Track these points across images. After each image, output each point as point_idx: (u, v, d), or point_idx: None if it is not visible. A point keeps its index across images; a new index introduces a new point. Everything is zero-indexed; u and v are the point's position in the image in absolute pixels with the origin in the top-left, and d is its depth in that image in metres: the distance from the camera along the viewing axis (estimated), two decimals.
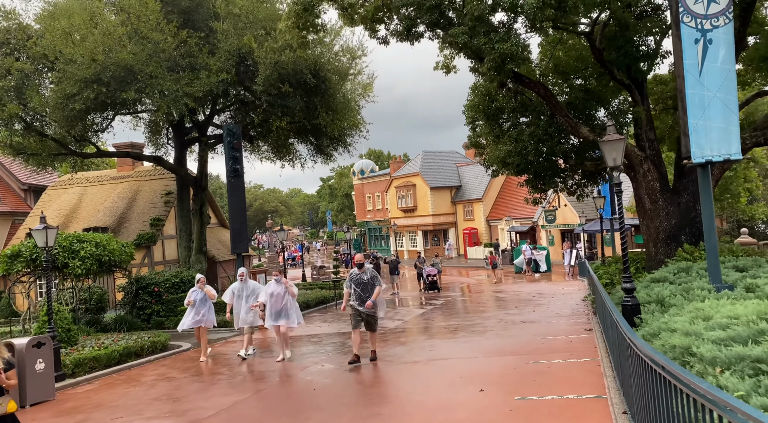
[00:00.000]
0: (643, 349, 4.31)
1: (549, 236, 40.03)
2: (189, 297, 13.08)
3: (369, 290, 10.47)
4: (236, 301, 12.94)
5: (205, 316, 13.01)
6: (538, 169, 15.61)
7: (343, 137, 25.55)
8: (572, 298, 19.57)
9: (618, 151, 8.79)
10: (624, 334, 5.25)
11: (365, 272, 10.62)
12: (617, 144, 8.78)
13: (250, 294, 12.83)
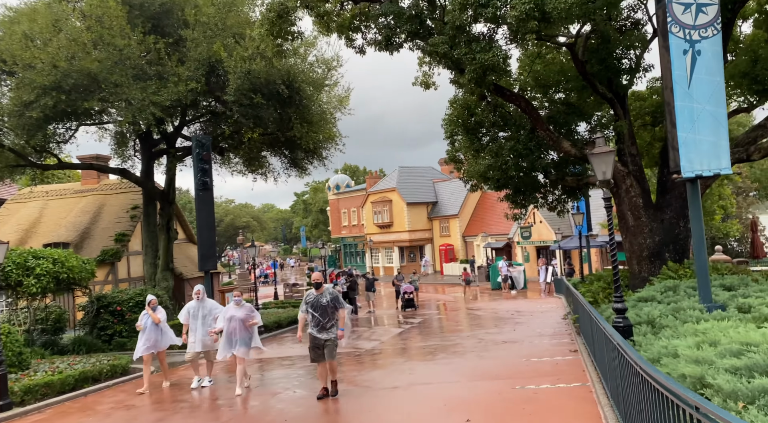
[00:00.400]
0: (667, 385, 3.77)
1: (524, 253, 39.84)
2: (140, 320, 11.83)
3: (329, 315, 9.12)
4: (192, 321, 11.58)
5: (159, 342, 11.79)
6: (519, 184, 15.22)
7: (318, 150, 24.94)
8: (552, 317, 19.15)
9: (608, 164, 8.38)
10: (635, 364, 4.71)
11: (324, 294, 9.21)
12: (607, 157, 8.37)
13: (207, 314, 11.44)
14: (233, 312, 10.58)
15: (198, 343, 11.45)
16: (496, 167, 14.54)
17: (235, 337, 10.45)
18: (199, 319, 11.45)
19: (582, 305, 10.74)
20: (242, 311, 10.63)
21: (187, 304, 11.90)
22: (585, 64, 13.02)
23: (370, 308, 26.47)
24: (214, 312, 11.36)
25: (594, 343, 9.02)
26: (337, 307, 9.24)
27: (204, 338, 11.39)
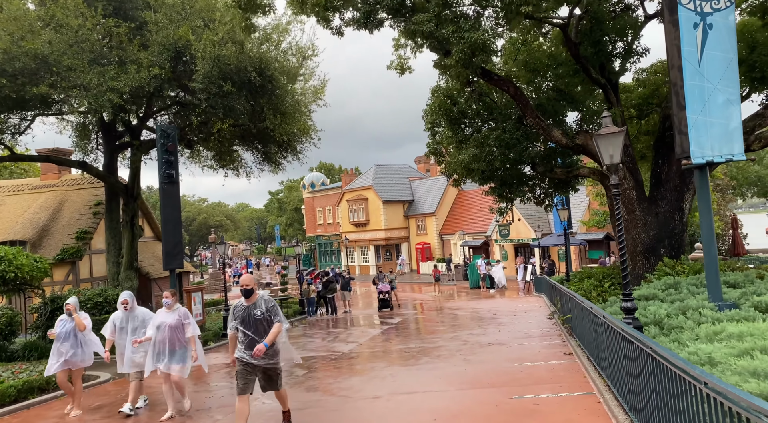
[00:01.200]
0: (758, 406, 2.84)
1: (502, 251, 39.23)
2: (55, 328, 9.45)
3: (264, 331, 6.93)
4: (119, 335, 9.12)
5: (77, 355, 9.21)
6: (505, 176, 14.37)
7: (292, 143, 23.79)
8: (536, 317, 18.37)
9: (616, 146, 7.51)
10: (688, 375, 3.79)
11: (257, 304, 6.97)
12: (615, 138, 7.50)
13: (138, 326, 9.04)
14: (162, 318, 8.51)
15: (127, 364, 9.10)
16: (480, 158, 13.66)
17: (164, 351, 8.38)
18: (128, 333, 9.03)
19: (579, 304, 9.89)
20: (173, 317, 8.49)
21: (113, 315, 9.50)
22: (578, 47, 12.20)
23: (346, 308, 25.43)
24: (149, 322, 8.99)
25: (599, 346, 8.14)
26: (272, 319, 6.98)
27: (134, 356, 8.99)
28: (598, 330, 7.98)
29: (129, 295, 9.34)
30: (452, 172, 17.45)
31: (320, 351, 14.83)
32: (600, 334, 7.77)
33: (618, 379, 6.59)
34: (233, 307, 7.16)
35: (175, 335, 8.40)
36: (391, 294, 24.78)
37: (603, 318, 7.24)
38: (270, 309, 7.00)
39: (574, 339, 11.60)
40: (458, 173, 16.20)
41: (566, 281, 18.17)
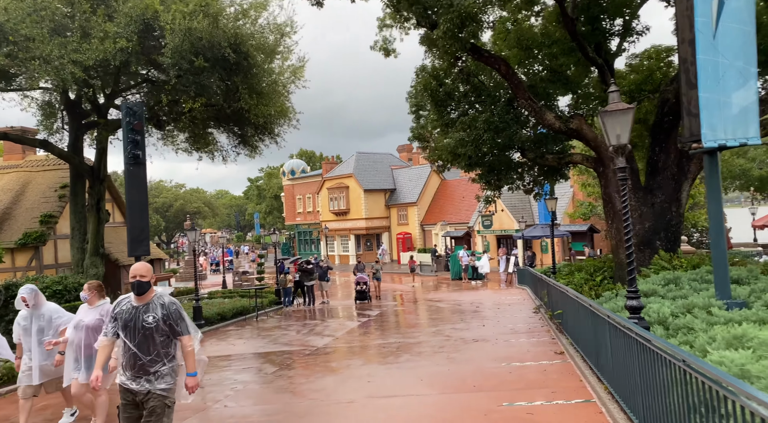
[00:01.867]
0: None
1: (485, 242, 38.61)
2: None
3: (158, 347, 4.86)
4: (24, 340, 7.29)
5: None
6: (493, 162, 13.54)
7: (269, 126, 22.69)
8: (520, 310, 17.67)
9: (625, 124, 6.68)
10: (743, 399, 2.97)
11: (151, 306, 4.90)
12: (623, 116, 6.67)
13: (45, 326, 7.23)
14: (81, 316, 6.94)
15: (35, 373, 7.16)
16: (468, 142, 12.80)
17: (80, 357, 6.81)
18: (33, 335, 7.18)
19: (574, 300, 9.12)
20: (92, 315, 6.90)
21: (18, 316, 7.52)
22: (574, 23, 11.36)
23: (324, 299, 24.53)
24: (58, 322, 7.32)
25: (598, 347, 7.37)
26: (176, 331, 4.95)
27: (44, 364, 7.20)
28: (599, 330, 7.20)
29: (29, 289, 7.23)
30: (437, 158, 16.59)
31: (294, 345, 13.93)
32: (601, 334, 6.99)
33: (624, 388, 5.81)
34: (115, 303, 5.12)
35: (92, 338, 6.69)
36: (369, 285, 23.61)
37: (607, 317, 6.45)
38: (170, 315, 4.88)
39: (565, 336, 10.86)
40: (443, 159, 15.35)
41: (553, 274, 17.49)
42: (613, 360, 6.33)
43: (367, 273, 24.21)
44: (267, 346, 14.02)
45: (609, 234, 12.47)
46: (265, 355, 12.71)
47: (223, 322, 19.41)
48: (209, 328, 18.25)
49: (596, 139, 12.09)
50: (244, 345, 14.60)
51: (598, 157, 12.29)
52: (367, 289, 23.02)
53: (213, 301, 24.30)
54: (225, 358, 12.83)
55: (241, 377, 10.29)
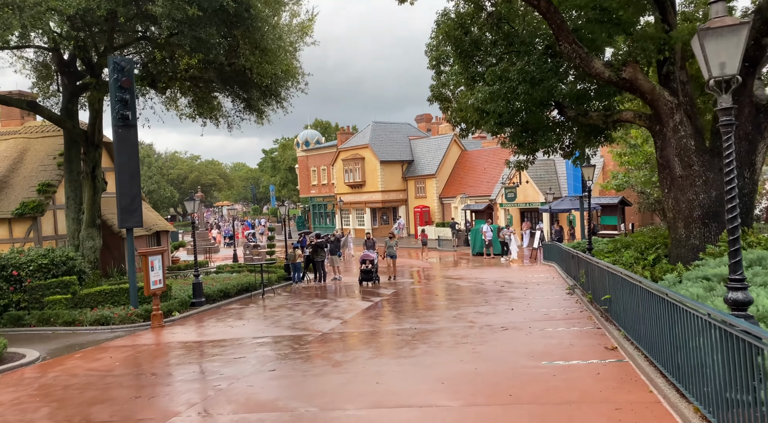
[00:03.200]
0: None
1: (507, 215, 36.67)
2: None
3: None
4: None
5: None
6: (528, 120, 11.60)
7: (275, 88, 20.88)
8: (552, 290, 15.88)
9: (733, 48, 4.73)
10: None
11: None
12: (732, 36, 4.72)
13: None
14: None
15: None
16: (499, 96, 10.85)
17: None
18: None
19: (635, 285, 7.28)
20: None
21: None
22: None
23: (335, 274, 22.97)
24: None
25: (677, 348, 5.56)
26: None
27: None
28: (679, 326, 5.39)
29: None
30: (461, 119, 14.66)
31: (297, 329, 12.35)
32: (687, 333, 5.17)
33: (737, 415, 4.02)
34: None
35: None
36: (380, 263, 20.86)
37: (708, 316, 4.61)
38: None
39: (614, 327, 9.06)
40: (468, 119, 13.43)
41: (588, 250, 15.61)
42: (713, 371, 4.53)
43: (378, 250, 22.25)
44: (267, 330, 12.46)
45: (666, 205, 10.54)
46: (263, 341, 11.14)
47: (226, 300, 17.95)
48: (209, 306, 16.81)
49: (653, 91, 10.07)
50: (243, 328, 13.06)
51: (655, 113, 10.29)
52: (375, 268, 19.86)
53: (219, 275, 22.87)
54: (218, 344, 11.28)
55: (228, 371, 8.71)
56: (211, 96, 22.31)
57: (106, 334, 13.68)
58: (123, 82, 14.82)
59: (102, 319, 14.42)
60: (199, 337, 12.41)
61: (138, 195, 15.59)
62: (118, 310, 14.96)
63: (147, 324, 14.26)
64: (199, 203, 17.79)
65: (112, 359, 10.45)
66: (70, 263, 16.20)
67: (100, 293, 15.76)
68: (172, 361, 9.96)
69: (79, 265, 16.65)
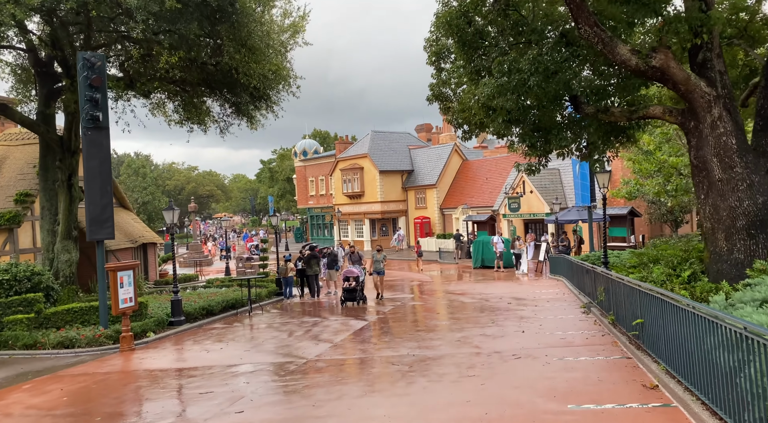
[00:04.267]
0: None
1: (511, 227, 35.24)
2: None
3: None
4: None
5: None
6: (542, 117, 10.23)
7: (264, 91, 19.58)
8: (564, 308, 14.45)
9: None
10: None
11: None
12: None
13: None
14: None
15: None
16: (508, 89, 9.49)
17: None
18: None
19: (682, 311, 5.88)
20: None
21: None
22: None
23: (329, 289, 21.53)
24: None
25: (758, 400, 4.13)
26: None
27: None
28: None
29: None
30: (463, 120, 13.33)
31: (280, 354, 10.90)
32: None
33: None
34: None
35: None
36: (363, 281, 17.96)
37: None
38: None
39: (650, 357, 7.62)
40: (472, 119, 12.09)
41: (604, 264, 14.19)
42: None
43: (365, 265, 20.02)
44: (247, 355, 11.01)
45: (702, 213, 9.13)
46: (239, 370, 9.69)
47: (209, 318, 16.50)
48: (190, 325, 15.36)
49: (688, 81, 8.71)
50: (221, 352, 11.61)
51: (689, 108, 8.92)
52: (360, 286, 17.45)
53: (207, 290, 21.42)
54: (187, 373, 9.83)
55: (190, 412, 7.25)
56: (198, 100, 21.05)
57: (69, 358, 12.23)
58: (93, 81, 13.49)
59: (66, 342, 12.99)
60: (169, 363, 10.96)
61: (109, 204, 14.20)
62: (87, 330, 13.54)
63: (116, 347, 12.83)
64: (175, 212, 16.41)
65: (62, 392, 9.01)
66: (36, 279, 14.79)
67: (68, 312, 14.33)
68: (127, 397, 8.50)
69: (47, 280, 15.23)
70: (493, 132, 12.83)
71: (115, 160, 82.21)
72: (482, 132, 13.82)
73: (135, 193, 65.92)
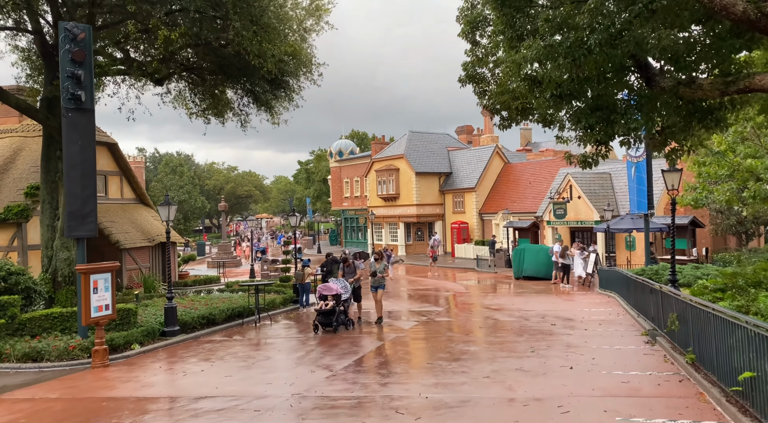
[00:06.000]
0: None
1: (556, 235, 32.40)
2: None
3: None
4: None
5: None
6: (603, 92, 7.83)
7: (282, 78, 17.70)
8: (621, 334, 11.91)
9: None
10: None
11: None
12: None
13: None
14: None
15: None
16: (560, 52, 7.16)
17: None
18: None
19: None
20: None
21: None
22: None
23: None
24: None
25: None
26: None
27: None
28: None
29: None
30: (501, 105, 11.07)
31: (261, 384, 8.80)
32: None
33: None
34: None
35: None
36: (349, 300, 14.18)
37: None
38: None
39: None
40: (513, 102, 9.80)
41: (672, 283, 11.59)
42: None
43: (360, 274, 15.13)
44: (223, 384, 8.96)
45: None
46: (201, 409, 7.63)
47: (210, 328, 14.62)
48: (184, 337, 13.50)
49: None
50: (199, 376, 9.62)
51: None
52: (344, 306, 13.79)
53: (221, 295, 19.60)
54: (141, 409, 7.82)
55: None
56: (217, 90, 19.39)
57: (30, 375, 10.50)
58: (74, 54, 11.80)
59: (34, 354, 11.28)
60: (131, 390, 9.01)
61: (92, 197, 12.46)
62: (63, 340, 11.84)
63: (90, 361, 11.04)
64: (171, 208, 14.62)
65: None
66: (13, 279, 13.21)
67: (47, 318, 12.69)
68: None
69: (26, 281, 13.64)
70: (537, 117, 10.49)
71: (155, 158, 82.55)
72: (524, 119, 11.49)
73: (171, 192, 65.59)
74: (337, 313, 13.47)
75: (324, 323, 13.45)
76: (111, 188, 25.47)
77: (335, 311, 13.43)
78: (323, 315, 13.46)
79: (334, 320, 13.40)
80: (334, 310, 13.42)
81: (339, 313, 13.53)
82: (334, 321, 13.40)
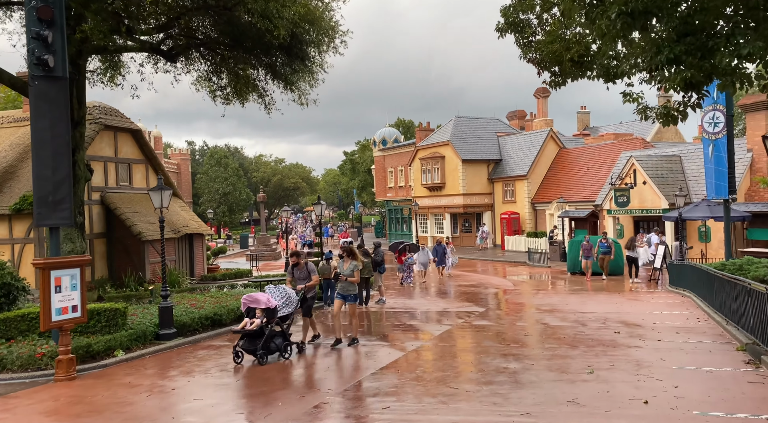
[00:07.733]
0: None
1: (617, 225, 29.21)
2: None
3: None
4: None
5: None
6: (699, 9, 5.29)
7: (300, 47, 15.70)
8: (705, 347, 9.27)
9: None
10: None
11: None
12: None
13: None
14: None
15: None
16: None
17: None
18: None
19: None
20: None
21: None
22: None
23: (381, 296, 17.30)
24: None
25: None
26: None
27: None
28: None
29: None
30: (552, 57, 8.69)
31: (233, 415, 6.79)
32: None
33: None
34: None
35: None
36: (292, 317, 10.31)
37: None
38: None
39: None
40: (566, 53, 7.38)
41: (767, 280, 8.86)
42: None
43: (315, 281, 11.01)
44: (190, 409, 7.00)
45: None
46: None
47: (214, 331, 12.79)
48: (181, 340, 11.73)
49: None
50: (165, 397, 7.71)
51: None
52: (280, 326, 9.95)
53: (243, 291, 17.82)
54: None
55: None
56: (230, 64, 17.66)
57: None
58: (40, 12, 10.06)
59: None
60: (73, 415, 7.16)
61: (66, 180, 10.75)
62: (35, 345, 10.26)
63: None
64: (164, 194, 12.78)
65: None
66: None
67: (23, 319, 11.14)
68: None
69: (5, 276, 12.15)
70: (598, 69, 8.05)
71: (203, 151, 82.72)
72: (580, 74, 8.98)
73: (216, 184, 65.23)
74: (267, 336, 9.61)
75: (246, 349, 9.64)
76: (136, 177, 24.26)
77: (262, 334, 9.61)
78: (247, 338, 9.65)
79: (260, 346, 9.53)
80: (262, 331, 9.63)
81: (271, 336, 9.71)
82: (260, 347, 9.52)
